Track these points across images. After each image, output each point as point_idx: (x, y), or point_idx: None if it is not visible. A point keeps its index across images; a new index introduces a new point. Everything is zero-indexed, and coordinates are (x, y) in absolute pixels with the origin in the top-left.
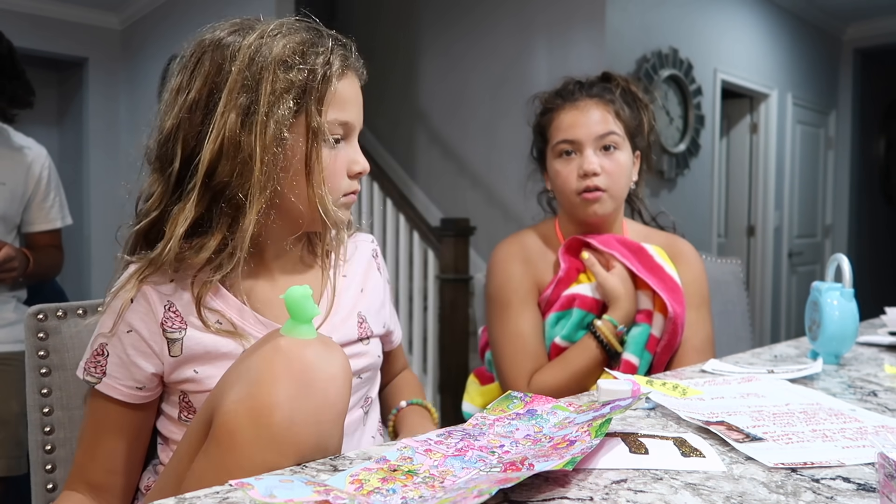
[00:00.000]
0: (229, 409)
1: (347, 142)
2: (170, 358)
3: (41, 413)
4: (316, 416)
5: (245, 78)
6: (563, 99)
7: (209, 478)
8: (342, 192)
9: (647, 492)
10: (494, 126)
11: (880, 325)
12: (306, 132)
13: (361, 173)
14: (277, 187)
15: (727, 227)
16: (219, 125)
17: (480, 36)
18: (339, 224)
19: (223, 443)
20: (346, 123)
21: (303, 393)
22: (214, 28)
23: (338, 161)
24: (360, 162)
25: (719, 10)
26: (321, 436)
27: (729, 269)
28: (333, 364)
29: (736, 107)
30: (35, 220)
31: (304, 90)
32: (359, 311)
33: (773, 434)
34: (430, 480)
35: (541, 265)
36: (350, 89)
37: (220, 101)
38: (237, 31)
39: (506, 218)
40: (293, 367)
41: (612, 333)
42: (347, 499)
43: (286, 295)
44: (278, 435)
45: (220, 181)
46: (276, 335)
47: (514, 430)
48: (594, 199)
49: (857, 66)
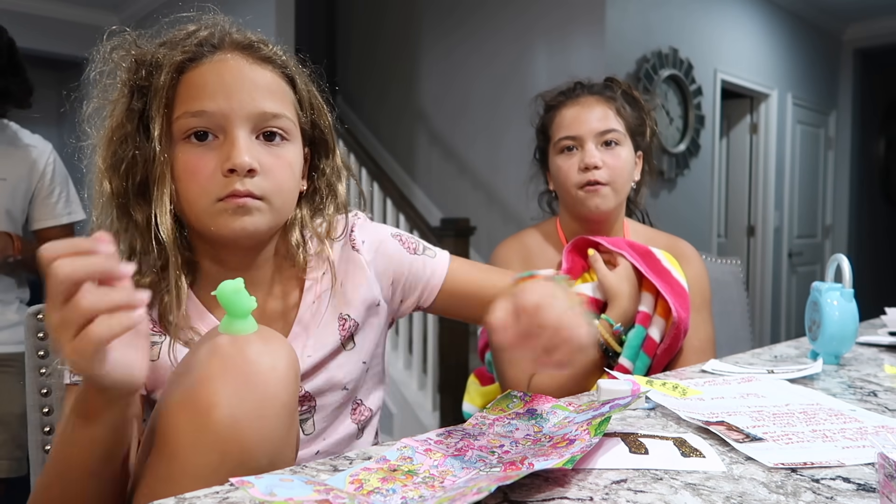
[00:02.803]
0: (170, 413)
1: (220, 135)
2: (149, 362)
3: (41, 413)
4: (258, 411)
5: (104, 86)
6: (565, 96)
7: (157, 486)
8: (217, 196)
9: (647, 492)
10: (495, 126)
11: (880, 325)
12: (160, 133)
13: (233, 170)
14: (162, 197)
15: (727, 227)
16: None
17: (482, 38)
18: (224, 232)
19: (166, 448)
20: (203, 113)
21: (243, 389)
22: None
23: (204, 159)
24: (231, 157)
25: (719, 10)
26: (265, 430)
27: (729, 269)
28: (274, 355)
29: (736, 107)
30: (41, 216)
31: (136, 90)
32: (340, 313)
33: (773, 434)
34: (430, 480)
35: (541, 265)
36: (210, 75)
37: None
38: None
39: (506, 218)
40: (231, 363)
41: (609, 332)
42: (347, 498)
43: (218, 291)
44: (220, 434)
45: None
46: (214, 333)
47: (513, 430)
48: (595, 193)
49: (857, 66)
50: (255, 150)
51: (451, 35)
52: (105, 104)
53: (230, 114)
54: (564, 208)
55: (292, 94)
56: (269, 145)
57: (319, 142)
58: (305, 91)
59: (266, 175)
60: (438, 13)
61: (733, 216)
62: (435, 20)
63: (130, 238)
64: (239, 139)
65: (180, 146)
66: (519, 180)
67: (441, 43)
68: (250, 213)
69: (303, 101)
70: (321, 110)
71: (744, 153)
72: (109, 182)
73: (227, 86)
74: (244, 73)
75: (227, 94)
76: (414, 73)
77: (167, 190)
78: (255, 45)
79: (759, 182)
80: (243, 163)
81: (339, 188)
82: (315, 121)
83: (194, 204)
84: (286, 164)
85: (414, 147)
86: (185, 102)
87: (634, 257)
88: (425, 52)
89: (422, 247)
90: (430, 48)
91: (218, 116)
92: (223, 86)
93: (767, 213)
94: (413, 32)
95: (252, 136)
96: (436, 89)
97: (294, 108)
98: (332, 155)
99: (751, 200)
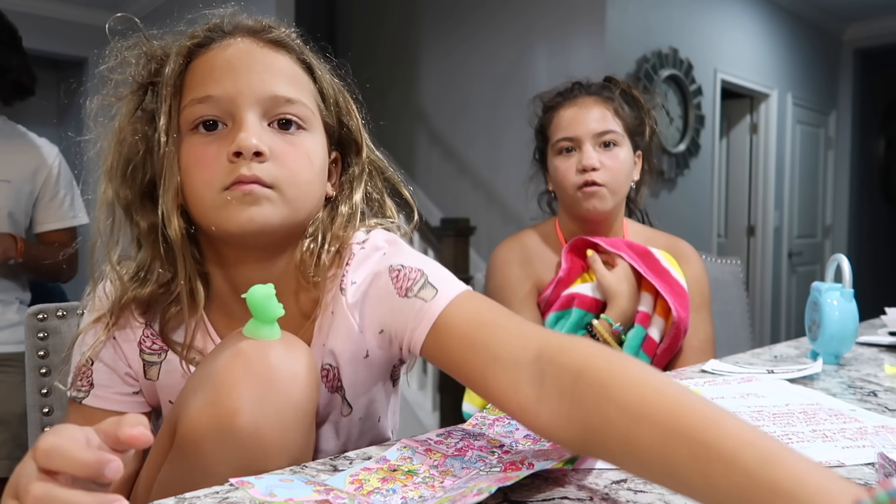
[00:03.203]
0: (192, 417)
1: (229, 123)
2: (146, 381)
3: (41, 413)
4: (280, 417)
5: (115, 82)
6: (563, 97)
7: (175, 487)
8: (222, 185)
9: (647, 492)
10: (495, 126)
11: (880, 325)
12: (167, 124)
13: (239, 154)
14: (168, 193)
15: (727, 227)
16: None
17: (482, 38)
18: (230, 226)
19: (188, 452)
20: (209, 98)
21: (266, 395)
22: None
23: (210, 148)
24: (238, 140)
25: (719, 10)
26: (287, 437)
27: (729, 269)
28: (297, 364)
29: (736, 107)
30: (45, 219)
31: (146, 87)
32: (322, 361)
33: (773, 434)
34: (430, 480)
35: (540, 265)
36: (218, 59)
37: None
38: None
39: (506, 218)
40: (255, 369)
41: (609, 332)
42: (347, 498)
43: (248, 294)
44: (242, 439)
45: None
46: (238, 337)
47: (514, 430)
48: (593, 194)
49: (857, 66)
50: (265, 136)
51: (452, 35)
52: (113, 102)
53: (237, 97)
54: (563, 209)
55: (311, 83)
56: (284, 133)
57: (348, 143)
58: (329, 85)
59: (277, 161)
60: (438, 13)
61: (733, 216)
62: (435, 20)
63: (136, 245)
64: (246, 121)
65: (187, 138)
66: (519, 180)
67: (441, 43)
68: (258, 203)
69: (325, 94)
70: (349, 108)
71: (744, 153)
72: (114, 184)
73: (236, 69)
74: (254, 55)
75: (234, 77)
76: (414, 73)
77: (173, 186)
78: (268, 27)
79: (759, 182)
80: (249, 144)
81: (376, 197)
82: (342, 119)
83: (200, 197)
84: (302, 153)
85: (414, 147)
86: (192, 89)
87: (633, 258)
88: (425, 52)
89: (419, 285)
90: (431, 48)
91: (225, 101)
92: (231, 69)
93: (767, 213)
94: (413, 32)
95: (264, 121)
96: (436, 89)
97: (314, 98)
98: (361, 157)
99: (751, 200)
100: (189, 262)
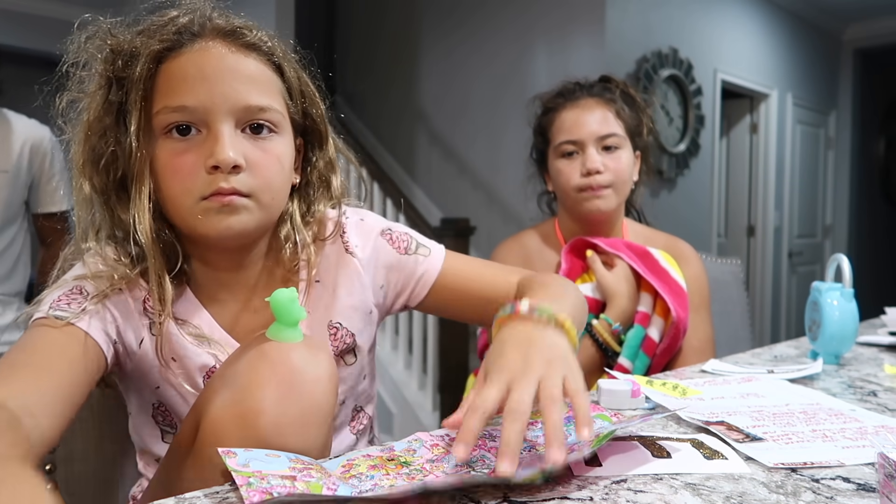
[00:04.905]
0: (216, 416)
1: (203, 129)
2: (150, 335)
3: None
4: (302, 419)
5: (79, 78)
6: (564, 98)
7: (196, 484)
8: (201, 194)
9: (647, 492)
10: (495, 126)
11: (880, 325)
12: (137, 129)
13: (217, 167)
14: (140, 196)
15: (727, 227)
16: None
17: (482, 38)
18: (209, 232)
19: (209, 448)
20: (184, 108)
21: (289, 397)
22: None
23: (186, 155)
24: (215, 153)
25: (719, 10)
26: (308, 438)
27: (729, 269)
28: (319, 366)
29: (736, 107)
30: (42, 202)
31: (113, 81)
32: (329, 320)
33: (773, 434)
34: (415, 473)
35: (540, 266)
36: (190, 66)
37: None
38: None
39: (506, 218)
40: (278, 370)
41: (608, 332)
42: (315, 479)
43: (272, 297)
44: (266, 440)
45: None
46: (261, 339)
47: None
48: (597, 195)
49: (857, 66)
50: (240, 145)
51: (452, 35)
52: (80, 97)
53: (212, 108)
54: (564, 209)
55: (280, 82)
56: (256, 139)
57: (312, 132)
58: (295, 79)
59: (253, 171)
60: (438, 13)
61: (733, 216)
62: (435, 20)
63: (114, 234)
64: (222, 134)
65: (161, 141)
66: (519, 180)
67: (441, 43)
68: (237, 213)
69: (292, 90)
70: (313, 98)
71: (744, 153)
72: (88, 178)
73: (209, 78)
74: (227, 62)
75: (208, 88)
76: (414, 73)
77: (146, 188)
78: (239, 30)
79: (759, 182)
80: (227, 159)
81: (333, 181)
82: (306, 110)
83: (178, 203)
84: (275, 159)
85: (414, 147)
86: (165, 96)
87: (632, 258)
88: (425, 52)
89: (414, 244)
90: (431, 48)
91: (200, 111)
92: (204, 78)
93: (767, 213)
94: (413, 32)
95: (237, 129)
96: (436, 89)
97: (282, 97)
98: (325, 145)
99: (751, 200)
100: (159, 261)
